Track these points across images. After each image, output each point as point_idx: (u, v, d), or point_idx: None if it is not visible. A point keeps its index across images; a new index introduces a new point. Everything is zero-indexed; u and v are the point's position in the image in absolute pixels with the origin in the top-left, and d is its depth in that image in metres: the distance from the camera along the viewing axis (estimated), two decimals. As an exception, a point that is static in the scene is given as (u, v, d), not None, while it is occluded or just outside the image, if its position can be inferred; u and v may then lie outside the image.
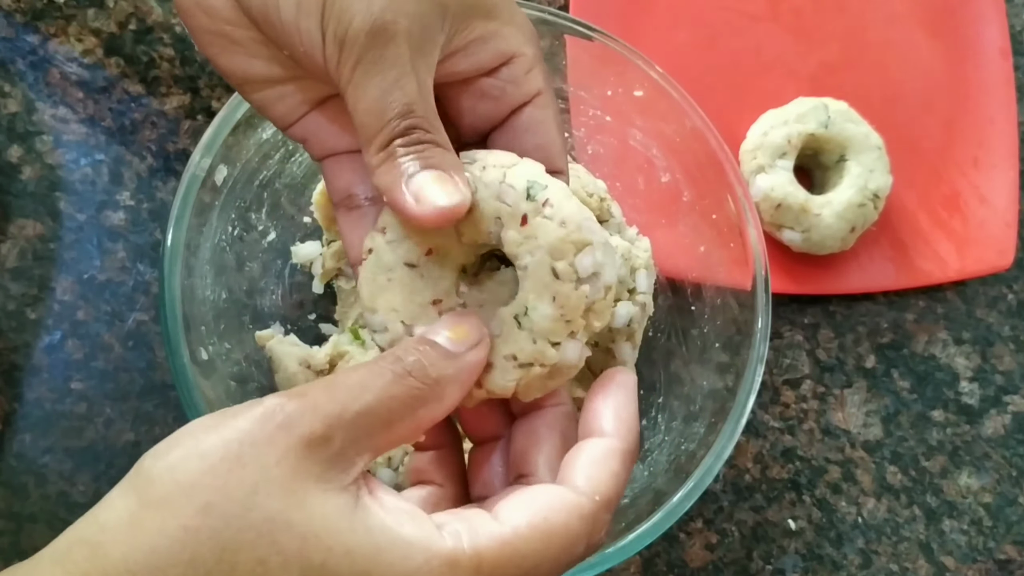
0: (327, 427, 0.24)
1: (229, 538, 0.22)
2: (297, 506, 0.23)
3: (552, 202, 0.29)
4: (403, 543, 0.23)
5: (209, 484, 0.22)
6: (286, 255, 0.48)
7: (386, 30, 0.27)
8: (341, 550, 0.23)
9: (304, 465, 0.23)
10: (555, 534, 0.25)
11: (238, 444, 0.23)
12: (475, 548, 0.24)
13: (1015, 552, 0.52)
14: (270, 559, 0.22)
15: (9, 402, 0.47)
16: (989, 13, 0.60)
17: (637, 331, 0.46)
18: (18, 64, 0.53)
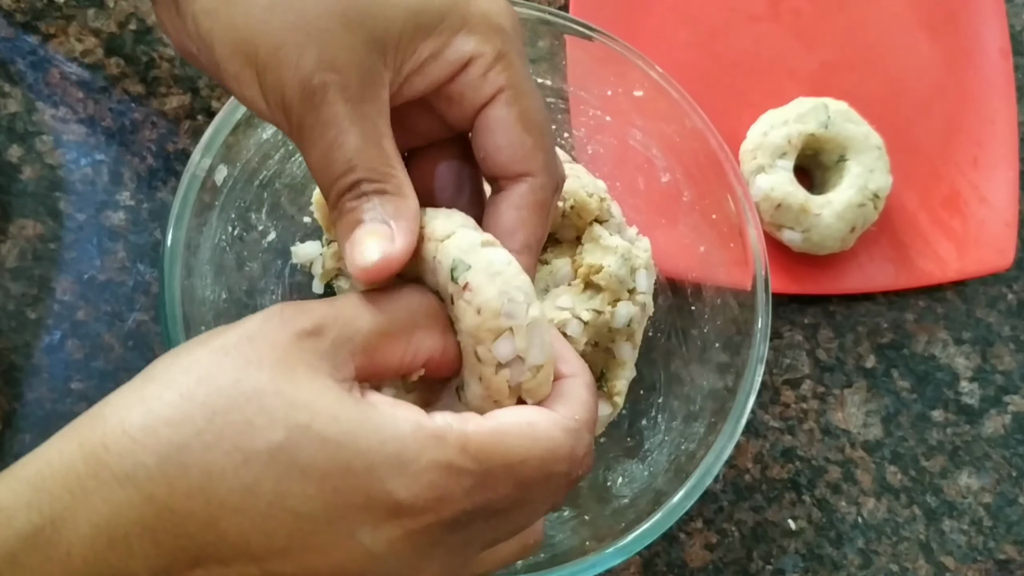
0: (320, 322, 0.25)
1: (219, 403, 0.23)
2: (285, 379, 0.24)
3: (472, 286, 0.28)
4: (391, 415, 0.25)
5: (206, 362, 0.24)
6: (286, 255, 0.48)
7: (315, 92, 0.27)
8: (328, 414, 0.24)
9: (294, 349, 0.25)
10: (541, 436, 0.26)
11: (236, 337, 0.25)
12: (463, 430, 0.25)
13: (1015, 552, 0.52)
14: (256, 419, 0.23)
15: (9, 402, 0.47)
16: (989, 13, 0.60)
17: (637, 331, 0.46)
18: (18, 64, 0.53)
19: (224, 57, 0.29)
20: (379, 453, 0.24)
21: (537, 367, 0.29)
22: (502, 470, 0.25)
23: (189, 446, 0.23)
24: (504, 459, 0.25)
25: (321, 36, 0.27)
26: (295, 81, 0.27)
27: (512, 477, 0.25)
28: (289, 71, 0.27)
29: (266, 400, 0.23)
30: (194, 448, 0.23)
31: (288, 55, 0.27)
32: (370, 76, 0.28)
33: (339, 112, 0.28)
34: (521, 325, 0.29)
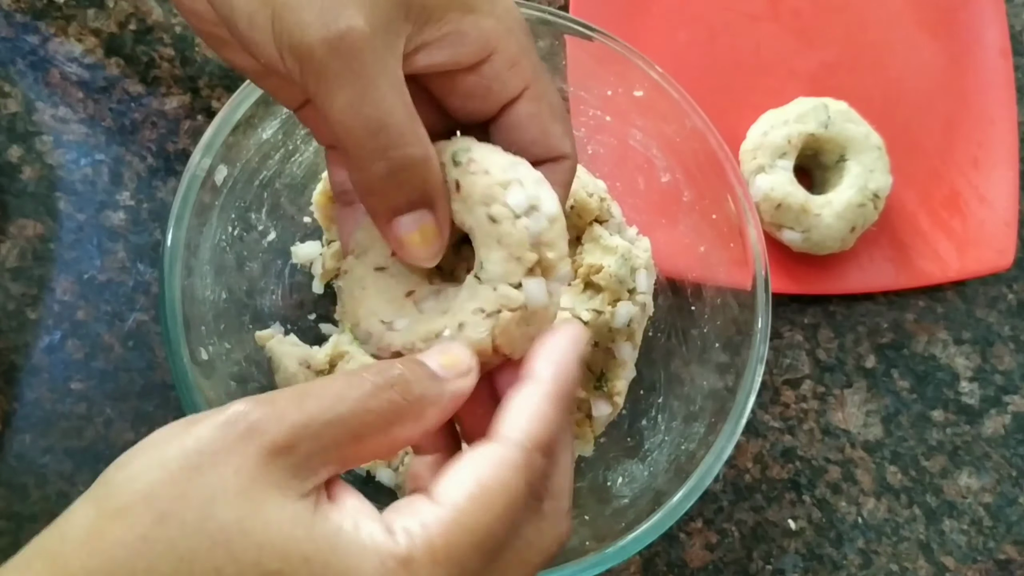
0: (291, 436, 0.23)
1: (185, 547, 0.22)
2: (254, 514, 0.22)
3: (475, 158, 0.29)
4: (358, 547, 0.23)
5: (167, 493, 0.22)
6: (286, 255, 0.48)
7: (341, 37, 0.26)
8: (297, 557, 0.22)
9: (263, 473, 0.23)
10: (494, 495, 0.25)
11: (197, 454, 0.23)
12: (425, 540, 0.23)
13: (1015, 552, 0.52)
14: (225, 568, 0.22)
15: (9, 402, 0.47)
16: (989, 13, 0.60)
17: (637, 331, 0.46)
18: (18, 64, 0.53)
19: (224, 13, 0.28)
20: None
21: (552, 217, 0.29)
22: (474, 557, 0.24)
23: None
24: (472, 546, 0.24)
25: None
26: (317, 24, 0.26)
27: (484, 553, 0.24)
28: (311, 14, 0.26)
29: (234, 545, 0.22)
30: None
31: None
32: (394, 25, 0.27)
33: (366, 61, 0.26)
34: (531, 179, 0.29)
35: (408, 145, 0.28)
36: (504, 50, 0.29)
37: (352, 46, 0.26)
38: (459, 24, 0.28)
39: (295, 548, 0.22)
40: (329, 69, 0.26)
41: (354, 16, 0.26)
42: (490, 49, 0.29)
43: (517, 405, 0.27)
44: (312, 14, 0.26)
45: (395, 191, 0.28)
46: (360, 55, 0.26)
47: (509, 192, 0.29)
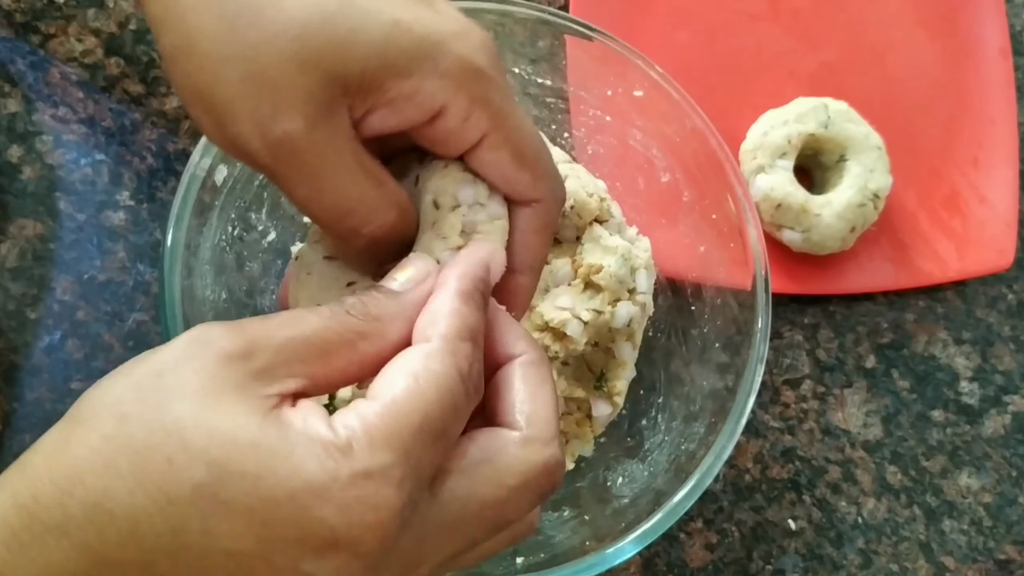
0: (248, 344, 0.24)
1: (141, 441, 0.23)
2: (207, 408, 0.23)
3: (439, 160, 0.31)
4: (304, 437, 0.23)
5: (128, 397, 0.23)
6: (286, 255, 0.48)
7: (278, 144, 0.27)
8: (246, 443, 0.23)
9: (220, 374, 0.24)
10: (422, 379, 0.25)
11: (160, 362, 0.24)
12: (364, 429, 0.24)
13: (1015, 552, 0.52)
14: (177, 457, 0.22)
15: (9, 402, 0.47)
16: (989, 13, 0.60)
17: (637, 331, 0.46)
18: (18, 64, 0.53)
19: (185, 101, 0.29)
20: (298, 480, 0.23)
21: (495, 217, 0.30)
22: (414, 440, 0.24)
23: (114, 491, 0.22)
24: (410, 429, 0.24)
25: (276, 85, 0.27)
26: (255, 134, 0.27)
27: (425, 437, 0.24)
28: (247, 124, 0.27)
29: (186, 434, 0.23)
30: (119, 493, 0.22)
31: (244, 107, 0.27)
32: (334, 107, 0.27)
33: (310, 159, 0.27)
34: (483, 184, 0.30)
35: (378, 218, 0.29)
36: (454, 105, 0.29)
37: (293, 148, 0.27)
38: (400, 89, 0.28)
39: (243, 436, 0.23)
40: (278, 172, 0.28)
41: (289, 119, 0.27)
42: (437, 108, 0.29)
43: (427, 311, 0.27)
44: (249, 125, 0.27)
45: (380, 252, 0.30)
46: (303, 155, 0.27)
47: (461, 188, 0.30)
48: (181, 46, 0.28)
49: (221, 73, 0.27)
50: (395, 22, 0.28)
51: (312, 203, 0.29)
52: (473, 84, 0.29)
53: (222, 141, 0.28)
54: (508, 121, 0.30)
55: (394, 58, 0.27)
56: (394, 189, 0.30)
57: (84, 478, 0.22)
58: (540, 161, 0.31)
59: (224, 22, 0.27)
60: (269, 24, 0.27)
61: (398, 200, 0.30)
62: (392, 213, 0.29)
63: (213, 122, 0.28)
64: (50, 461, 0.23)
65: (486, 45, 0.29)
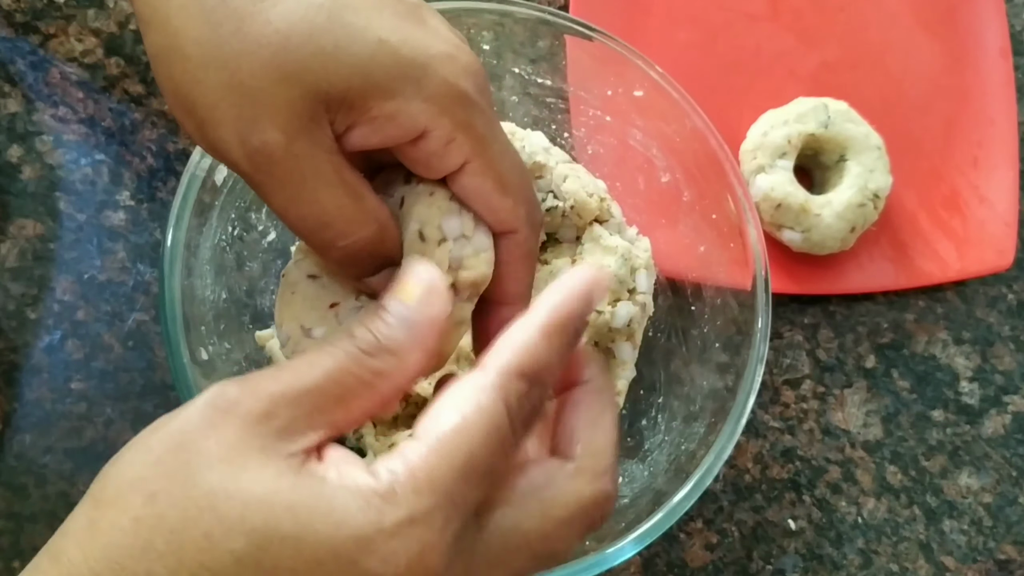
0: (269, 404, 0.24)
1: (175, 519, 0.22)
2: (236, 476, 0.23)
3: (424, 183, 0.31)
4: (342, 490, 0.23)
5: (153, 473, 0.23)
6: (286, 255, 0.48)
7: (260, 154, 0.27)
8: (282, 507, 0.22)
9: (245, 440, 0.23)
10: (469, 417, 0.24)
11: (180, 433, 0.24)
12: (408, 474, 0.23)
13: (1015, 552, 0.52)
14: (214, 530, 0.22)
15: (9, 402, 0.47)
16: (989, 13, 0.60)
17: (637, 331, 0.46)
18: (18, 64, 0.53)
19: (168, 102, 0.29)
20: (341, 536, 0.22)
21: (481, 250, 0.30)
22: (459, 483, 0.23)
23: (155, 573, 0.22)
24: (453, 471, 0.23)
25: (256, 94, 0.26)
26: (235, 142, 0.27)
27: (470, 478, 0.24)
28: (228, 131, 0.27)
29: (219, 506, 0.22)
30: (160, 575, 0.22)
31: (225, 115, 0.27)
32: (316, 120, 0.27)
33: (289, 169, 0.27)
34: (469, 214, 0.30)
35: (356, 231, 0.29)
36: (437, 129, 0.28)
37: (271, 158, 0.27)
38: (383, 109, 0.28)
39: (278, 500, 0.22)
40: (255, 180, 0.28)
41: (268, 129, 0.26)
42: (420, 130, 0.28)
43: (503, 337, 0.26)
44: (229, 131, 0.27)
45: (357, 267, 0.30)
46: (281, 165, 0.27)
47: (447, 218, 0.29)
48: (165, 47, 0.28)
49: (203, 78, 0.27)
50: (381, 42, 0.27)
51: (289, 213, 0.28)
52: (457, 109, 0.28)
53: (203, 144, 0.28)
54: (491, 148, 0.29)
55: (378, 78, 0.27)
56: (374, 204, 0.29)
57: (123, 563, 0.22)
58: (521, 189, 0.31)
59: (208, 27, 0.27)
60: (253, 34, 0.26)
61: (377, 216, 0.29)
62: (370, 228, 0.29)
63: (194, 125, 0.28)
64: (84, 548, 0.23)
65: (473, 69, 0.29)
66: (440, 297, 0.27)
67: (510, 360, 0.25)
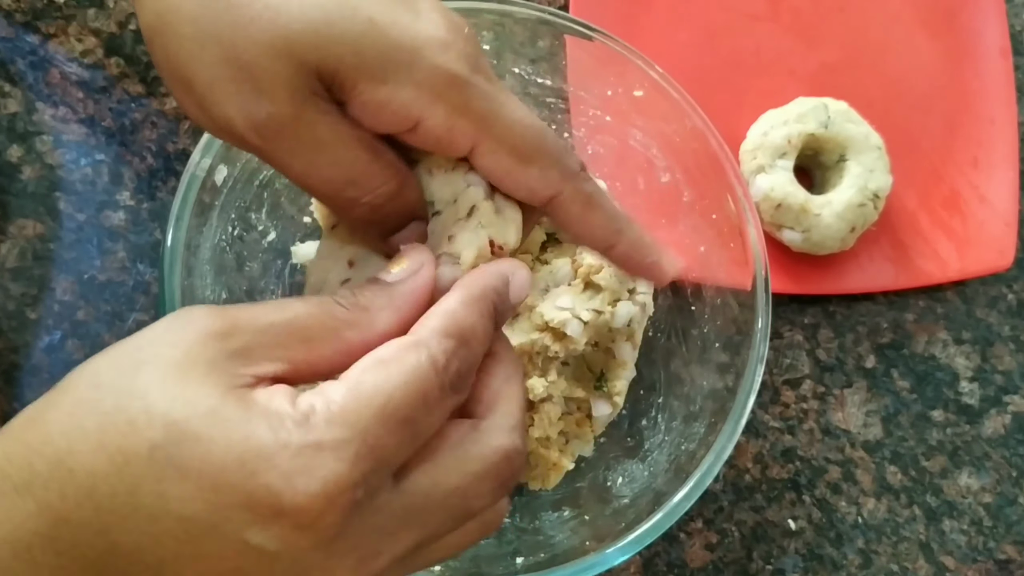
0: (229, 324, 0.24)
1: (109, 404, 0.23)
2: (176, 377, 0.23)
3: None
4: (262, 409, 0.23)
5: (106, 367, 0.24)
6: (286, 255, 0.48)
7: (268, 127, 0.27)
8: (205, 409, 0.23)
9: (196, 349, 0.24)
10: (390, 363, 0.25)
11: (141, 337, 0.25)
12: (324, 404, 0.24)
13: (1015, 552, 0.52)
14: (138, 419, 0.23)
15: (9, 402, 0.47)
16: (989, 13, 0.60)
17: (637, 331, 0.46)
18: (18, 64, 0.53)
19: (166, 81, 0.29)
20: (248, 445, 0.22)
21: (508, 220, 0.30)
22: (375, 422, 0.24)
23: (77, 450, 0.23)
24: (371, 410, 0.24)
25: (253, 69, 0.26)
26: (239, 117, 0.27)
27: (387, 421, 0.24)
28: (231, 107, 0.27)
29: (150, 398, 0.23)
30: (81, 452, 0.22)
31: (224, 90, 0.27)
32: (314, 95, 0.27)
33: (301, 134, 0.27)
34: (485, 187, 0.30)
35: (378, 187, 0.29)
36: (432, 117, 0.28)
37: (282, 128, 0.27)
38: (374, 95, 0.27)
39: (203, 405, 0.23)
40: (267, 151, 0.28)
41: (273, 101, 0.27)
42: (414, 119, 0.28)
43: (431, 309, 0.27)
44: (232, 107, 0.27)
45: (383, 223, 0.30)
46: (294, 132, 0.27)
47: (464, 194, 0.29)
48: (158, 26, 0.28)
49: (199, 55, 0.27)
50: (371, 21, 0.27)
51: (310, 178, 0.28)
52: (451, 94, 0.28)
53: (204, 121, 0.28)
54: (496, 124, 0.29)
55: (368, 59, 0.27)
56: (392, 159, 0.29)
57: (52, 438, 0.23)
58: (545, 151, 0.29)
59: (200, 4, 0.27)
60: (245, 9, 0.26)
61: (398, 169, 0.29)
62: (392, 182, 0.29)
63: (194, 103, 0.28)
64: (26, 425, 0.24)
65: (466, 49, 0.28)
66: (426, 272, 0.28)
67: (433, 322, 0.26)
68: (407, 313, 0.27)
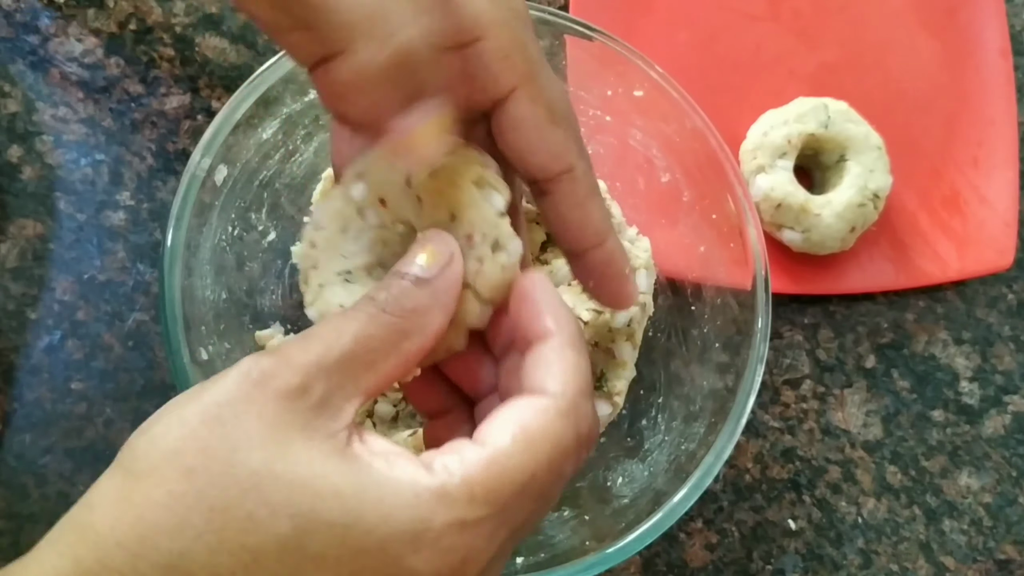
0: (304, 377, 0.23)
1: (215, 497, 0.21)
2: (280, 457, 0.22)
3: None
4: (393, 482, 0.23)
5: (191, 448, 0.22)
6: (286, 255, 0.48)
7: (409, 56, 0.27)
8: (329, 492, 0.22)
9: (285, 417, 0.23)
10: (538, 439, 0.24)
11: (216, 406, 0.23)
12: (464, 476, 0.23)
13: (1015, 552, 0.52)
14: (257, 512, 0.21)
15: (9, 402, 0.47)
16: (989, 13, 0.60)
17: (637, 331, 0.46)
18: (18, 64, 0.53)
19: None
20: (388, 529, 0.22)
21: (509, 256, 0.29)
22: (515, 499, 0.23)
23: (192, 552, 0.21)
24: (514, 488, 0.23)
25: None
26: (386, 47, 0.27)
27: (526, 498, 0.24)
28: (374, 45, 0.27)
29: (264, 488, 0.22)
30: (198, 554, 0.21)
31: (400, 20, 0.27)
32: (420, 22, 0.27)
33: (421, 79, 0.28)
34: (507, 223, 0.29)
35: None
36: (494, 39, 0.27)
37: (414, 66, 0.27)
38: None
39: (326, 484, 0.22)
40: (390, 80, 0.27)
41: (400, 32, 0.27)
42: (475, 33, 0.27)
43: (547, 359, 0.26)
44: (375, 46, 0.27)
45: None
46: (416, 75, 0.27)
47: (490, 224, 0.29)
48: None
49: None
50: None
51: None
52: (519, 27, 0.28)
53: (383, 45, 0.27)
54: (541, 74, 0.28)
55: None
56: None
57: (157, 540, 0.21)
58: (573, 121, 0.30)
59: None
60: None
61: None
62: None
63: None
64: (112, 521, 0.22)
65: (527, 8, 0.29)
66: (458, 263, 0.27)
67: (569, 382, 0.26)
68: (451, 309, 0.27)
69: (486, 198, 0.29)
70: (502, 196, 0.29)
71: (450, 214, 0.29)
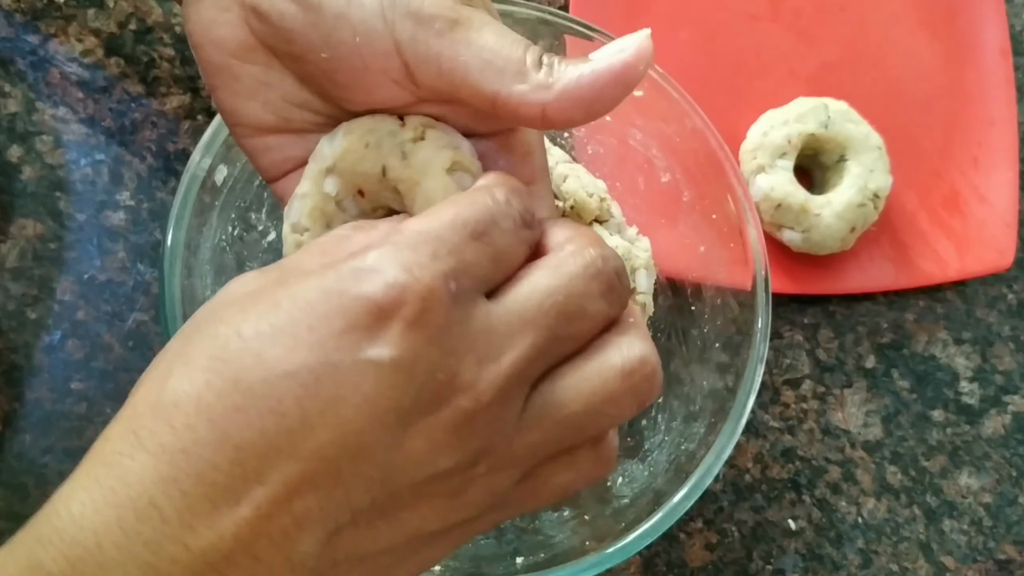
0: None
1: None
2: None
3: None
4: (334, 239, 0.27)
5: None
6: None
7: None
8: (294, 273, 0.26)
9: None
10: (459, 199, 0.25)
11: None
12: (391, 224, 0.25)
13: (1015, 552, 0.52)
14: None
15: (9, 402, 0.47)
16: (989, 13, 0.60)
17: (637, 331, 0.46)
18: (18, 64, 0.53)
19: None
20: (325, 276, 0.23)
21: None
22: (447, 228, 0.24)
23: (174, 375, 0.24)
24: (441, 220, 0.24)
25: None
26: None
27: (459, 228, 0.24)
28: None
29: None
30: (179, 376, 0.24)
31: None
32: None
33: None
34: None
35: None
36: None
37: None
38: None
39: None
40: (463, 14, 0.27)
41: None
42: None
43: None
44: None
45: None
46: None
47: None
48: None
49: None
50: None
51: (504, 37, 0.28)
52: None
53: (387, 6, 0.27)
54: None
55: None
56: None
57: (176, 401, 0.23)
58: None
59: None
60: None
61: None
62: None
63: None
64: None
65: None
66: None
67: (489, 178, 0.27)
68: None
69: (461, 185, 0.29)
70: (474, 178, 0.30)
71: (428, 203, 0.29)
